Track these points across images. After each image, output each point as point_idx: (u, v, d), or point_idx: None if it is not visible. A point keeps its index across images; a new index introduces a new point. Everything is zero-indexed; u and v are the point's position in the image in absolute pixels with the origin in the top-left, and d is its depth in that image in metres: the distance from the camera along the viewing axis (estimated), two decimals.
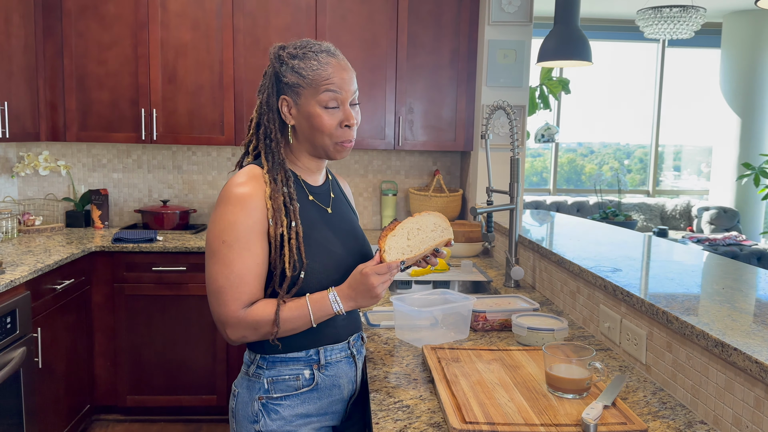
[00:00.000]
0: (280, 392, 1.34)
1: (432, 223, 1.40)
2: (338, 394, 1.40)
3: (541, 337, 1.68)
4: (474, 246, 2.90)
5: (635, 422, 1.20)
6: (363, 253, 1.44)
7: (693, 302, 1.46)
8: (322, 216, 1.38)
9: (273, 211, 1.27)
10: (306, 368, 1.35)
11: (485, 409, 1.26)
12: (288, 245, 1.28)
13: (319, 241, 1.34)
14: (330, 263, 1.34)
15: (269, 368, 1.34)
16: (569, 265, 1.96)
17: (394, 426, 1.22)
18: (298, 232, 1.29)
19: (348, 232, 1.44)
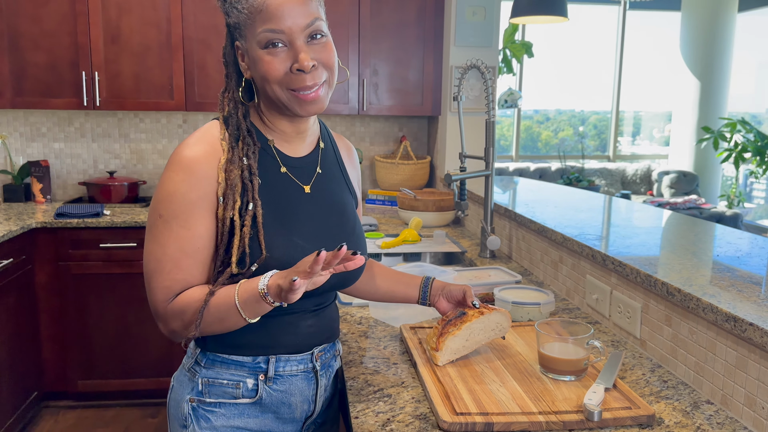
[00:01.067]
0: (214, 397, 1.12)
1: (495, 323, 1.30)
2: (287, 414, 1.17)
3: (527, 311, 1.56)
4: (445, 215, 2.77)
5: (641, 406, 1.09)
6: (356, 246, 1.18)
7: (692, 272, 1.36)
8: (295, 196, 1.12)
9: (225, 187, 1.04)
10: (250, 377, 1.12)
11: (476, 396, 1.13)
12: (239, 234, 1.03)
13: (282, 230, 1.08)
14: (292, 260, 1.02)
15: (207, 367, 1.12)
16: (551, 233, 1.84)
17: (375, 420, 1.09)
18: (256, 216, 1.04)
19: (330, 219, 1.16)
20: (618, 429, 1.06)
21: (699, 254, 1.53)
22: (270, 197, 1.09)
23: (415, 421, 1.08)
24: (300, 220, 1.11)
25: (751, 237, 1.70)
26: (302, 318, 1.15)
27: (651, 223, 1.99)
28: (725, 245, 1.62)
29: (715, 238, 1.72)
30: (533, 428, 1.05)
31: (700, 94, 7.46)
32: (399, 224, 2.83)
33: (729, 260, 1.47)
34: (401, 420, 1.09)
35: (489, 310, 1.29)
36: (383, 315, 1.59)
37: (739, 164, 6.89)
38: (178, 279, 1.04)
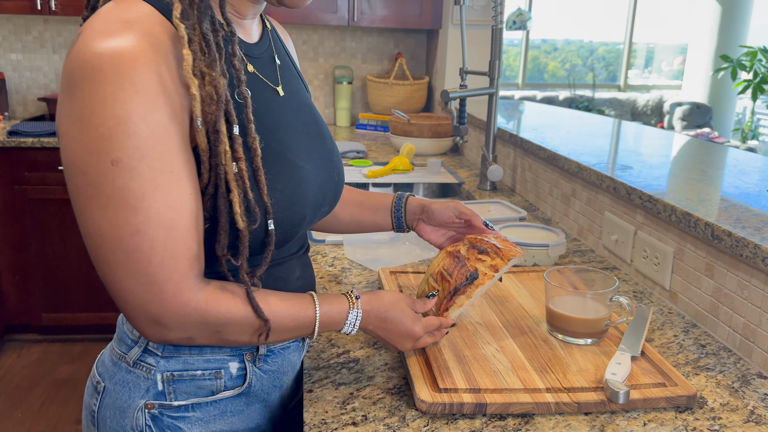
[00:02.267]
0: (184, 397, 0.81)
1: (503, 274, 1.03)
2: (278, 399, 0.90)
3: (532, 254, 1.30)
4: (442, 142, 2.47)
5: (678, 382, 0.84)
6: (337, 166, 0.91)
7: (742, 211, 1.08)
8: (272, 102, 0.81)
9: (202, 102, 0.67)
10: (233, 359, 0.83)
11: (466, 366, 0.88)
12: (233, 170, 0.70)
13: (277, 153, 0.78)
14: (298, 191, 0.78)
15: (168, 356, 0.80)
16: (564, 162, 1.56)
17: (334, 395, 0.84)
18: (253, 149, 0.72)
19: (309, 129, 0.87)
20: (649, 413, 0.81)
21: (748, 190, 1.25)
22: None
23: (386, 397, 0.84)
24: (288, 136, 0.81)
25: None
26: (290, 269, 0.88)
27: (680, 151, 1.70)
28: None
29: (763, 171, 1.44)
30: (538, 411, 0.81)
31: (720, 22, 6.96)
32: (390, 152, 2.54)
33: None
34: (368, 395, 0.84)
35: (503, 260, 0.93)
36: (361, 256, 1.33)
37: (757, 96, 6.52)
38: (184, 253, 0.69)
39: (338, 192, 0.91)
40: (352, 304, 0.82)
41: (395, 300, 0.85)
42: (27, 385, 2.56)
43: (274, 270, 0.85)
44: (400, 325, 0.84)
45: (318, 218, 0.89)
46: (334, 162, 0.90)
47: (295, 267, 0.89)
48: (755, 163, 1.53)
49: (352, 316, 0.81)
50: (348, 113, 3.15)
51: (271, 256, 0.75)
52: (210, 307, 0.71)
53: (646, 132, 2.07)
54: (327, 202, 0.88)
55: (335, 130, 3.04)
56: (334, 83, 3.16)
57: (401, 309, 0.85)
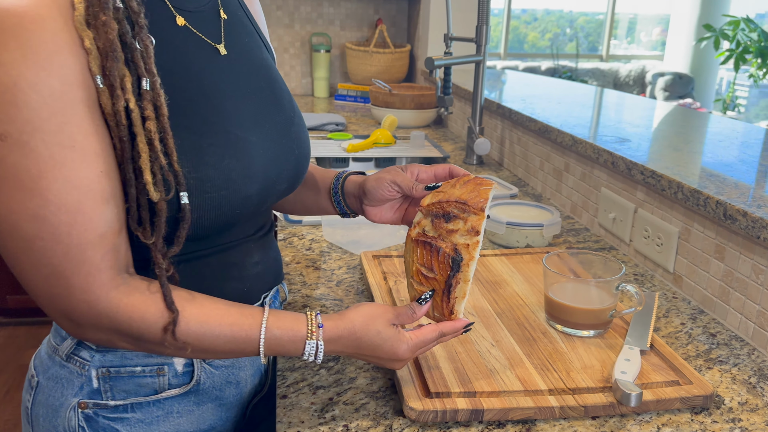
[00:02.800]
0: (122, 396, 0.73)
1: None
2: (234, 396, 0.81)
3: (525, 235, 1.21)
4: (425, 114, 2.36)
5: (693, 380, 0.76)
6: (298, 138, 0.79)
7: (754, 188, 1.00)
8: (208, 61, 0.70)
9: (99, 57, 0.58)
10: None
11: (459, 364, 0.79)
12: (144, 131, 0.60)
13: (209, 122, 0.67)
14: (238, 166, 0.68)
15: (103, 350, 0.72)
16: (557, 134, 1.46)
17: (311, 402, 0.74)
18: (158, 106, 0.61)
19: (262, 94, 0.76)
20: (662, 415, 0.73)
21: (757, 166, 1.17)
22: (173, 67, 0.66)
23: (370, 402, 0.74)
24: (228, 102, 0.70)
25: None
26: (246, 252, 0.78)
27: (679, 123, 1.61)
28: None
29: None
30: (541, 416, 0.72)
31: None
32: (371, 124, 2.42)
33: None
34: (350, 401, 0.75)
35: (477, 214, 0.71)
36: (341, 238, 1.23)
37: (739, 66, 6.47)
38: (94, 241, 0.59)
39: (300, 168, 0.80)
40: (310, 334, 0.67)
41: (368, 320, 0.69)
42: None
43: (225, 255, 0.75)
44: (378, 351, 0.69)
45: (275, 197, 0.77)
46: (294, 133, 0.78)
47: (253, 250, 0.79)
48: (757, 134, 1.44)
49: (309, 346, 0.67)
50: (326, 83, 3.01)
51: (185, 235, 0.64)
52: (121, 313, 0.61)
53: (641, 102, 1.98)
54: (285, 180, 0.76)
55: (313, 101, 2.90)
56: (311, 51, 3.01)
57: (377, 331, 0.69)
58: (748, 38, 6.35)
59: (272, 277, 0.84)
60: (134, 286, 0.63)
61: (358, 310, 0.71)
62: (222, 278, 0.75)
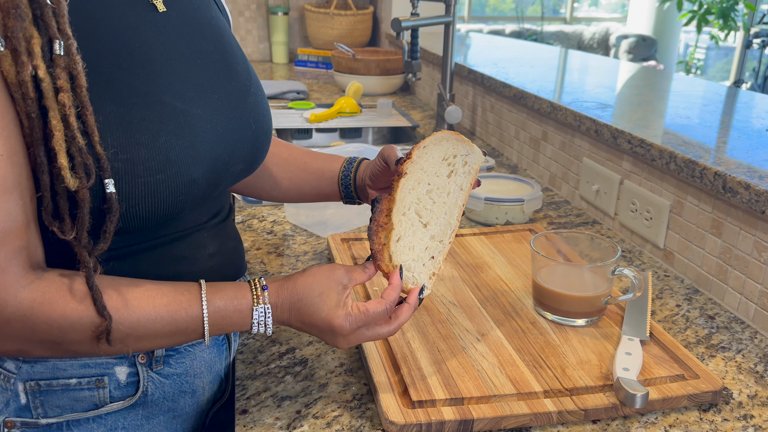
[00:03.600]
0: (56, 413, 0.63)
1: (442, 161, 0.66)
2: (190, 406, 0.71)
3: (504, 211, 1.12)
4: (391, 80, 2.24)
5: (700, 373, 0.69)
6: (254, 110, 0.67)
7: (749, 157, 0.93)
8: (143, 20, 0.58)
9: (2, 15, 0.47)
10: (121, 363, 0.64)
11: (442, 365, 0.70)
12: (57, 105, 0.50)
13: (142, 93, 0.55)
14: (177, 145, 0.57)
15: (31, 360, 0.61)
16: (533, 101, 1.37)
17: (275, 417, 0.65)
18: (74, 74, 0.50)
19: (209, 58, 0.64)
20: (668, 415, 0.66)
21: (750, 132, 1.10)
22: (96, 28, 0.54)
23: (343, 414, 0.65)
24: (164, 68, 0.58)
25: None
26: (198, 244, 0.67)
27: (662, 87, 1.53)
28: None
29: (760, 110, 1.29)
30: (537, 423, 0.64)
31: None
32: (335, 92, 2.29)
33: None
34: (320, 413, 0.65)
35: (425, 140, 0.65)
36: (305, 219, 1.13)
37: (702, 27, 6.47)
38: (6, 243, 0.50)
39: (259, 146, 0.69)
40: (256, 299, 0.60)
41: (313, 279, 0.61)
42: None
43: (171, 247, 0.64)
44: (316, 317, 0.60)
45: (229, 180, 0.66)
46: (250, 105, 0.67)
47: (206, 241, 0.68)
48: (743, 97, 1.38)
49: (257, 313, 0.59)
50: (285, 48, 2.85)
51: (113, 229, 0.53)
52: (37, 312, 0.51)
53: (614, 65, 1.90)
54: (239, 160, 0.65)
55: (271, 68, 2.74)
56: (268, 14, 2.84)
57: (320, 292, 0.60)
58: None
59: (233, 270, 0.73)
60: (49, 281, 0.53)
61: (306, 270, 0.63)
62: (168, 275, 0.63)
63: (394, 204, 0.63)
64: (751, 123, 1.13)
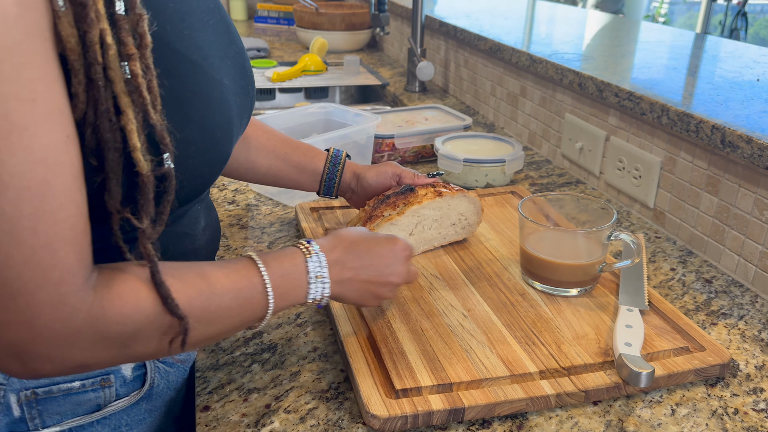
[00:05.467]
0: (56, 420, 0.57)
1: (458, 214, 0.82)
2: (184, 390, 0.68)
3: (485, 173, 1.05)
4: (358, 35, 2.12)
5: (705, 344, 0.64)
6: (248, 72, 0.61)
7: (745, 108, 0.86)
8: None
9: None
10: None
11: (427, 346, 0.63)
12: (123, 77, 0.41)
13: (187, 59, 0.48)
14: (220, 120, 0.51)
15: None
16: (511, 54, 1.29)
17: (242, 413, 0.57)
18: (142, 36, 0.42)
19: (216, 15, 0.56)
20: (673, 392, 0.61)
21: (735, 81, 1.03)
22: None
23: (319, 407, 0.58)
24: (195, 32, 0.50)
25: None
26: (196, 219, 0.61)
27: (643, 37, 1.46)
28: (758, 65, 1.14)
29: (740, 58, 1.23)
30: (534, 407, 0.58)
31: None
32: (298, 49, 2.16)
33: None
34: (292, 407, 0.58)
35: (451, 191, 0.80)
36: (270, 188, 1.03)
37: None
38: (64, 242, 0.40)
39: (251, 113, 0.64)
40: (305, 250, 0.55)
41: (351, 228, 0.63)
42: None
43: (177, 226, 0.57)
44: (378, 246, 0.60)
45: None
46: (248, 71, 0.60)
47: (199, 215, 0.61)
48: (727, 47, 1.32)
49: (312, 263, 0.54)
50: (244, 3, 2.69)
51: (168, 210, 0.47)
52: (109, 313, 0.43)
53: (598, 17, 1.82)
54: (241, 131, 0.60)
55: None
56: None
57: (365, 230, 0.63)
58: None
59: (216, 242, 0.68)
60: (107, 273, 0.44)
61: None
62: (174, 254, 0.56)
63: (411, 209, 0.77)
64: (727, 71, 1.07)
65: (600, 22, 1.69)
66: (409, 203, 0.78)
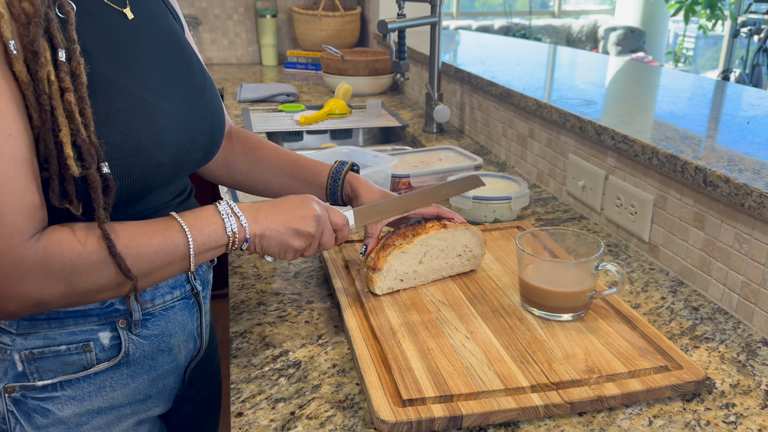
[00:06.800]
0: (50, 376, 0.71)
1: (462, 246, 0.91)
2: (168, 363, 0.80)
3: (492, 209, 1.14)
4: (380, 80, 2.25)
5: (683, 364, 0.71)
6: (210, 105, 0.76)
7: (730, 151, 0.94)
8: (116, 27, 0.66)
9: (16, 24, 0.55)
10: (103, 328, 0.72)
11: (432, 362, 0.72)
12: (62, 103, 0.57)
13: (119, 87, 0.63)
14: (148, 132, 0.64)
15: (24, 333, 0.69)
16: (519, 99, 1.39)
17: (270, 419, 0.66)
18: (77, 76, 0.58)
19: (170, 59, 0.72)
20: (652, 406, 0.68)
21: (730, 126, 1.12)
22: (81, 33, 0.61)
23: (337, 414, 0.67)
24: (136, 66, 0.67)
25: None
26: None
27: (645, 82, 1.55)
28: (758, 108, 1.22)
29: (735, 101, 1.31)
30: (525, 417, 0.66)
31: None
32: (324, 93, 2.30)
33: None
34: (314, 414, 0.67)
35: (455, 224, 0.89)
36: None
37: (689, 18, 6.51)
38: (13, 204, 0.56)
39: (214, 137, 0.78)
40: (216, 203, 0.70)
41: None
42: None
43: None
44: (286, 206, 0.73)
45: (190, 166, 0.75)
46: (206, 101, 0.76)
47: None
48: (728, 90, 1.40)
49: (221, 206, 0.69)
50: (274, 51, 2.86)
51: (112, 203, 0.62)
52: (51, 253, 0.58)
53: (601, 61, 1.91)
54: (199, 148, 0.74)
55: (261, 70, 2.75)
56: (257, 17, 2.85)
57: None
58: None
59: None
60: (54, 229, 0.60)
61: None
62: None
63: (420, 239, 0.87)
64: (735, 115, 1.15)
65: (612, 67, 1.78)
66: (417, 234, 0.87)
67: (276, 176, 0.91)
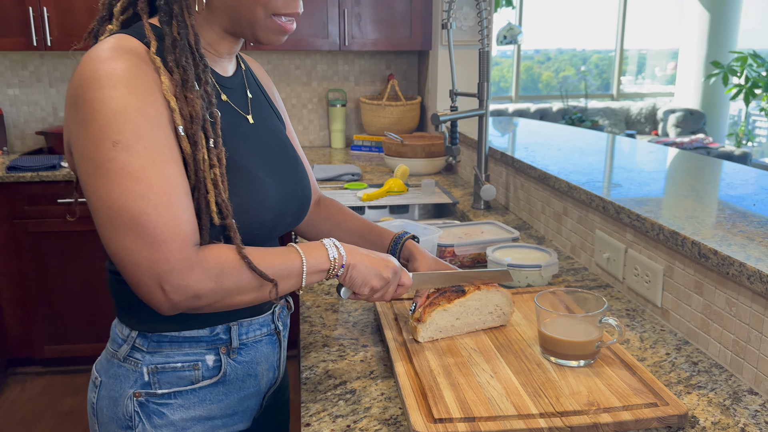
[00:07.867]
0: (167, 386, 0.92)
1: (494, 305, 1.10)
2: (253, 386, 1.00)
3: (525, 276, 1.32)
4: (435, 162, 2.50)
5: (670, 402, 0.86)
6: (300, 183, 1.02)
7: (729, 228, 1.10)
8: (240, 127, 0.93)
9: (183, 120, 0.80)
10: (209, 352, 0.94)
11: (460, 393, 0.89)
12: (209, 178, 0.82)
13: (241, 167, 0.89)
14: (256, 198, 0.90)
15: (152, 351, 0.92)
16: (554, 181, 1.58)
17: (331, 429, 0.85)
18: (220, 159, 0.83)
19: (277, 151, 1.00)
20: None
21: (736, 205, 1.27)
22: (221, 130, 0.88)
23: (382, 428, 0.85)
24: (252, 153, 0.94)
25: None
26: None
27: (671, 166, 1.72)
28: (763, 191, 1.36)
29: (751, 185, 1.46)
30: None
31: (709, 28, 7.03)
32: (385, 172, 2.56)
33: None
34: (365, 427, 0.85)
35: (488, 286, 1.09)
36: None
37: (750, 100, 6.56)
38: (185, 219, 0.79)
39: (303, 205, 1.02)
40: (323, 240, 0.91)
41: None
42: (31, 419, 2.56)
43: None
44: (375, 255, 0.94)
45: (284, 227, 0.99)
46: (298, 179, 1.01)
47: None
48: (743, 175, 1.55)
49: (327, 241, 0.90)
50: (343, 135, 3.18)
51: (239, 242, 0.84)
52: (208, 256, 0.80)
53: (637, 147, 2.09)
54: (290, 213, 0.98)
55: (330, 153, 3.07)
56: (328, 106, 3.19)
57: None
58: (756, 73, 6.46)
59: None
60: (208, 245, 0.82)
61: None
62: None
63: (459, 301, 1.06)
64: None
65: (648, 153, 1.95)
66: (457, 296, 1.06)
67: (350, 237, 1.15)
